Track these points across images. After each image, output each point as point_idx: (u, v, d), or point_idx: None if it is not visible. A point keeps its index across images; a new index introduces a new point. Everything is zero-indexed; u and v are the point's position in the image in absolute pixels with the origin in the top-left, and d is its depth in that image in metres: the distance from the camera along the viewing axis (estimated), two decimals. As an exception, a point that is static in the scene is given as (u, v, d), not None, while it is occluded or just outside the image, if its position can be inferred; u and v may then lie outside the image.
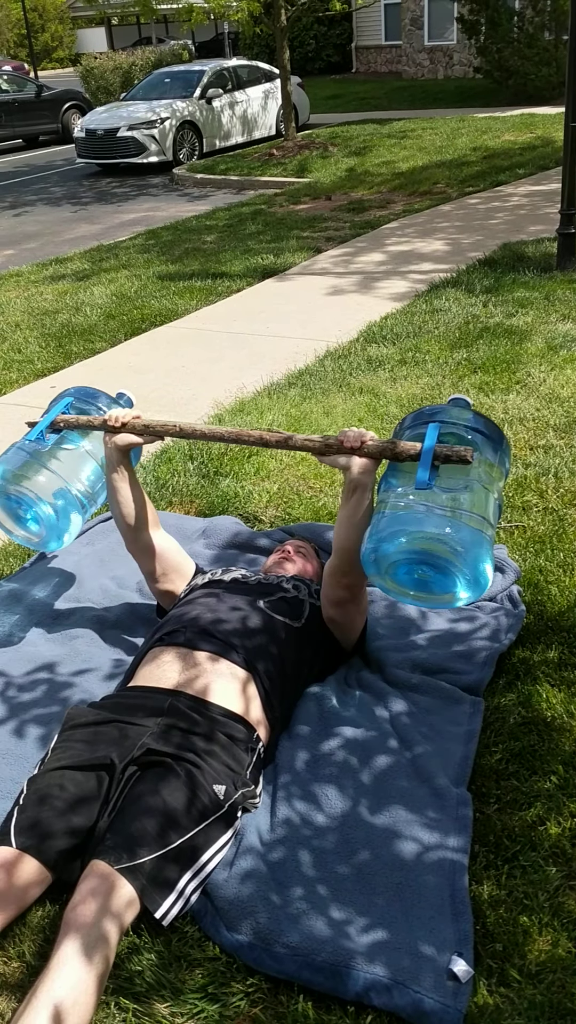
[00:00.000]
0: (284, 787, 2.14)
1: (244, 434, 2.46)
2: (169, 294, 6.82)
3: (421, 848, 1.96)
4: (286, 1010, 1.72)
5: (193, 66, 15.75)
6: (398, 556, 2.08)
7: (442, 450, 2.14)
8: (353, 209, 9.47)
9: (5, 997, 1.80)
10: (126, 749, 2.03)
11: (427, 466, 2.12)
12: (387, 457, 2.25)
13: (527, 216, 8.34)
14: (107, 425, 2.56)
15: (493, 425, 2.32)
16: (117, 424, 2.54)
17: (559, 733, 2.30)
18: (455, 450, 2.13)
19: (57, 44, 50.07)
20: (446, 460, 2.13)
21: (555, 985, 1.72)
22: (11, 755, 2.30)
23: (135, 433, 2.56)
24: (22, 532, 2.73)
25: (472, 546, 2.02)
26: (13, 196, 12.83)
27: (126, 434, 2.55)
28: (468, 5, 16.88)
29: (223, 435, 2.50)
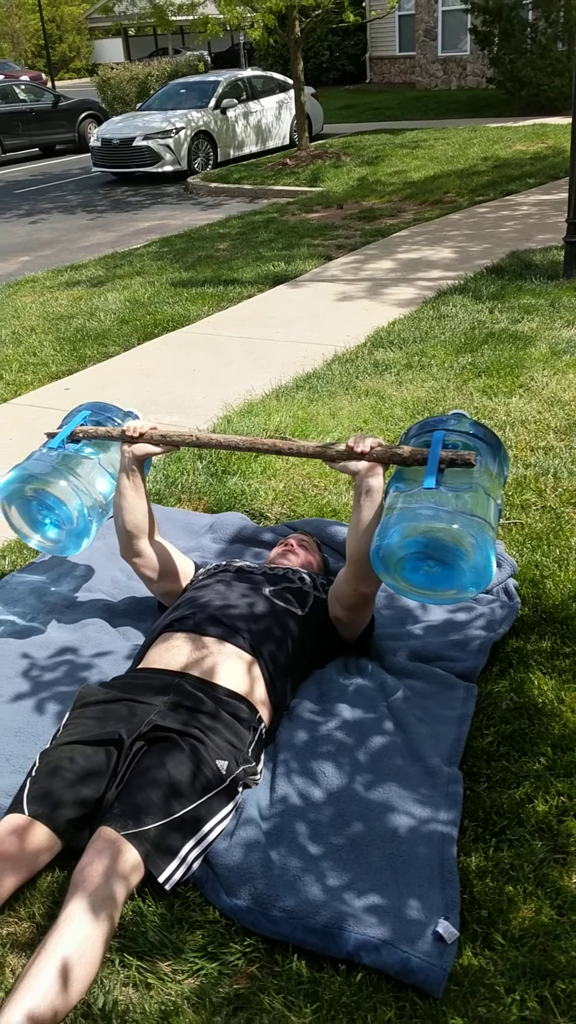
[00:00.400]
0: (284, 764, 2.24)
1: (258, 442, 2.58)
2: (181, 300, 6.95)
3: (413, 821, 2.06)
4: (281, 968, 1.82)
5: (208, 77, 15.94)
6: (406, 551, 2.19)
7: (447, 454, 2.27)
8: (364, 218, 9.59)
9: (16, 954, 1.91)
10: (134, 725, 2.13)
11: (434, 469, 2.25)
12: (395, 462, 2.38)
13: (536, 225, 8.45)
14: (125, 435, 2.68)
15: (492, 434, 2.46)
16: (135, 434, 2.66)
17: (549, 717, 2.39)
18: (460, 454, 2.27)
19: (74, 55, 50.54)
20: (451, 464, 2.27)
21: (537, 949, 1.81)
22: (24, 733, 2.41)
23: (152, 443, 2.68)
24: (38, 537, 2.82)
25: (477, 538, 2.12)
26: (29, 204, 13.02)
27: (143, 444, 2.67)
28: (481, 17, 17.01)
29: (237, 444, 2.62)
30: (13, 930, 1.96)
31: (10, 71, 34.80)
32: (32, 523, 2.79)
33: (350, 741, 2.29)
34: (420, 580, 2.24)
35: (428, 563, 2.21)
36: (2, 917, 1.98)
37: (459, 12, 19.73)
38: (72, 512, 2.68)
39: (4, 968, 1.88)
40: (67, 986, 1.70)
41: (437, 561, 2.20)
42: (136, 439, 2.67)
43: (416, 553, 2.19)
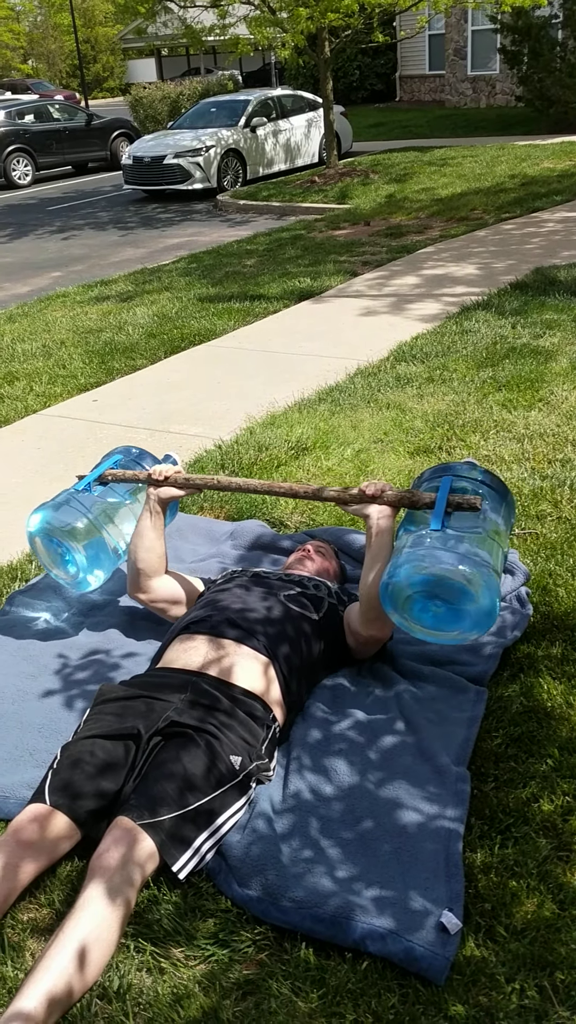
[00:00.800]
0: (296, 760, 2.31)
1: (275, 486, 2.72)
2: (208, 315, 7.07)
3: (421, 817, 2.12)
4: (289, 956, 1.89)
5: (239, 96, 16.16)
6: (412, 590, 2.29)
7: (454, 498, 2.39)
8: (391, 234, 9.69)
9: (36, 939, 1.99)
10: (152, 721, 2.22)
11: (441, 512, 2.36)
12: (405, 505, 2.51)
13: (561, 241, 8.50)
14: (151, 478, 2.82)
15: (500, 481, 2.57)
16: (160, 477, 2.81)
17: (557, 721, 2.44)
18: (466, 498, 2.38)
19: (108, 74, 51.36)
20: (458, 508, 2.38)
21: (538, 941, 1.86)
22: (47, 729, 2.50)
23: (176, 486, 2.81)
24: (60, 572, 2.96)
25: (482, 580, 2.22)
26: (62, 220, 13.26)
27: (168, 487, 2.81)
28: (511, 36, 17.13)
29: (256, 487, 2.76)
30: (33, 916, 2.04)
31: (45, 91, 35.47)
32: (55, 557, 2.93)
33: (362, 740, 2.36)
34: (428, 620, 2.35)
35: (435, 602, 2.31)
36: (23, 904, 2.06)
37: (488, 31, 19.86)
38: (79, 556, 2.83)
39: (24, 951, 1.95)
40: (84, 967, 1.77)
41: (443, 601, 2.30)
42: (162, 483, 2.81)
43: (422, 592, 2.29)
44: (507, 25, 16.94)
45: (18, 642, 2.93)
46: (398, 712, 2.47)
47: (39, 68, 52.24)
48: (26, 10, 51.34)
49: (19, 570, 3.46)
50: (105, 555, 2.91)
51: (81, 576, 2.90)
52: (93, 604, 3.14)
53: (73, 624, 3.03)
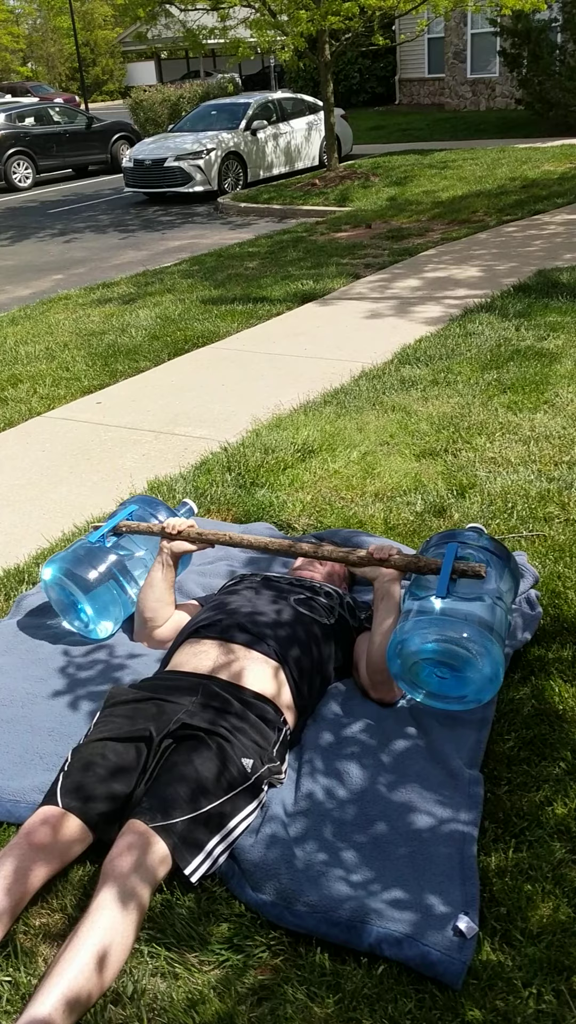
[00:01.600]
0: (308, 763, 2.30)
1: (285, 544, 2.74)
2: (211, 317, 7.07)
3: (434, 821, 2.11)
4: (304, 961, 1.88)
5: (239, 99, 16.18)
6: (419, 656, 2.34)
7: (459, 565, 2.43)
8: (392, 237, 9.69)
9: (48, 944, 1.98)
10: (163, 724, 2.21)
11: (446, 579, 2.40)
12: (411, 570, 2.55)
13: (563, 244, 8.50)
14: (164, 532, 2.84)
15: (502, 547, 2.63)
16: (174, 531, 2.83)
17: (569, 724, 2.43)
18: (471, 566, 2.43)
19: (108, 77, 51.42)
20: (462, 574, 2.42)
21: (554, 945, 1.85)
22: (57, 732, 2.49)
23: (189, 541, 2.83)
24: (74, 619, 2.96)
25: (485, 648, 2.26)
26: (63, 223, 13.26)
27: (181, 541, 2.83)
28: (510, 39, 17.15)
29: (266, 545, 2.77)
30: (45, 921, 2.03)
31: (45, 94, 35.50)
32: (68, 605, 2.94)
33: (373, 743, 2.35)
34: (433, 685, 2.39)
35: (440, 669, 2.35)
36: (35, 909, 2.05)
37: (488, 35, 19.91)
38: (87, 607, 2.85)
39: (37, 957, 1.94)
40: (99, 971, 1.76)
41: (448, 667, 2.34)
42: (175, 536, 2.82)
43: (428, 659, 2.34)
44: (507, 28, 16.96)
45: (26, 645, 2.92)
46: (408, 715, 2.47)
47: (39, 71, 52.29)
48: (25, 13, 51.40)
49: (26, 573, 3.45)
50: (115, 605, 2.92)
51: (91, 626, 2.91)
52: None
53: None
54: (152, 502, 3.13)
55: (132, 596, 2.96)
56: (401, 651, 2.34)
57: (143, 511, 3.08)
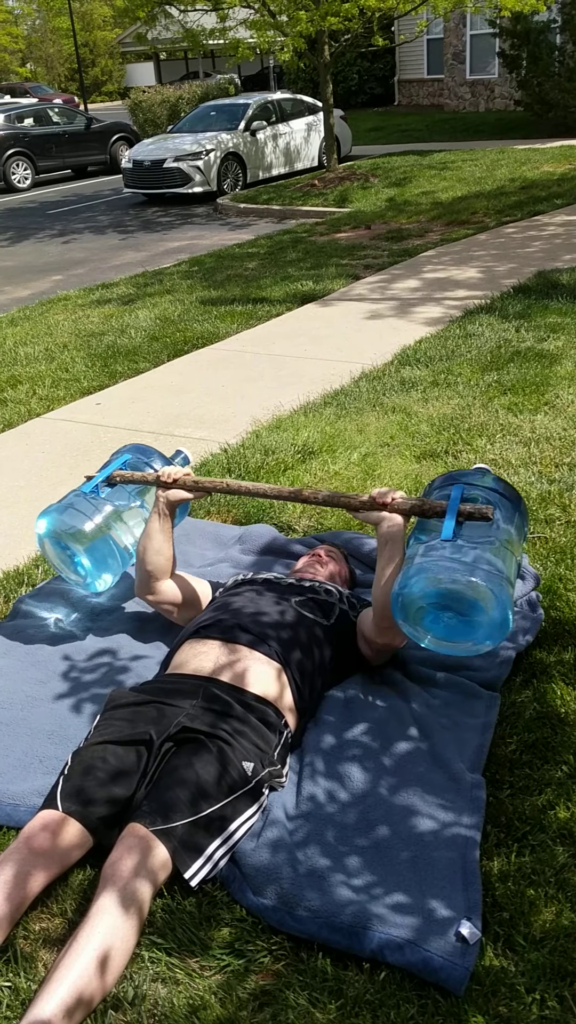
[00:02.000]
0: (310, 767, 2.29)
1: (284, 491, 2.69)
2: (211, 318, 7.06)
3: (436, 825, 2.10)
4: (306, 966, 1.86)
5: (238, 99, 16.18)
6: (424, 602, 2.27)
7: (465, 508, 2.35)
8: (392, 238, 9.68)
9: (48, 950, 1.96)
10: (163, 727, 2.19)
11: (452, 522, 2.33)
12: (416, 514, 2.47)
13: (562, 245, 8.49)
14: (160, 481, 2.79)
15: (512, 488, 2.54)
16: (169, 480, 2.77)
17: (571, 727, 2.42)
18: (477, 508, 2.35)
19: (107, 78, 51.41)
20: (469, 517, 2.35)
21: (557, 951, 1.84)
22: (57, 735, 2.48)
23: (185, 489, 2.78)
24: (70, 574, 2.94)
25: (494, 592, 2.19)
26: (62, 224, 13.25)
27: (177, 490, 2.77)
28: (509, 40, 17.16)
29: (265, 492, 2.73)
30: (45, 926, 2.02)
31: (44, 94, 35.50)
32: (64, 559, 2.92)
33: (375, 746, 2.34)
34: (439, 631, 2.32)
35: (446, 614, 2.28)
36: (35, 913, 2.03)
37: (487, 36, 19.91)
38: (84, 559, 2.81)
39: (37, 962, 1.93)
40: (100, 975, 1.75)
41: (455, 612, 2.27)
42: (171, 484, 2.77)
43: (434, 604, 2.27)
44: (505, 29, 16.96)
45: (26, 647, 2.90)
46: (411, 718, 2.45)
47: (38, 72, 52.28)
48: (25, 13, 51.39)
49: (26, 575, 3.44)
50: (113, 558, 2.88)
51: (89, 579, 2.88)
52: (101, 609, 3.12)
53: (81, 629, 3.01)
54: (146, 450, 3.06)
55: (129, 547, 2.91)
56: (404, 596, 2.26)
57: (137, 460, 3.01)
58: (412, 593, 2.25)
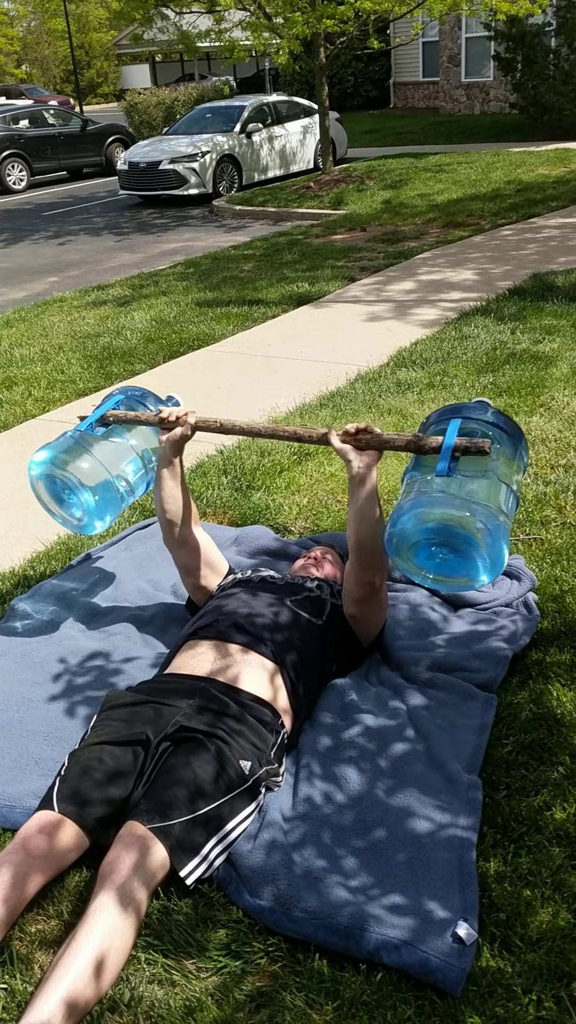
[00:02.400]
0: (306, 768, 2.29)
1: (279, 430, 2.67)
2: (207, 319, 7.06)
3: (433, 826, 2.10)
4: (303, 967, 1.86)
5: (234, 101, 16.18)
6: (418, 536, 2.23)
7: (462, 442, 2.29)
8: (387, 240, 9.69)
9: (44, 951, 1.96)
10: (160, 727, 2.19)
11: (447, 456, 2.27)
12: (410, 450, 2.41)
13: (558, 247, 8.51)
14: (162, 420, 2.73)
15: (512, 422, 2.47)
16: (172, 419, 2.72)
17: (568, 728, 2.42)
18: (474, 442, 2.28)
19: (102, 80, 51.40)
20: (465, 452, 2.28)
21: (554, 951, 1.84)
22: (53, 737, 2.47)
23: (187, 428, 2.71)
24: (63, 513, 2.88)
25: (489, 526, 2.15)
26: (57, 226, 13.24)
27: (180, 429, 2.72)
28: (505, 43, 17.19)
29: (259, 431, 2.70)
30: (42, 928, 2.01)
31: (39, 96, 35.48)
32: (57, 500, 2.86)
33: (372, 747, 2.34)
34: (433, 566, 2.28)
35: (440, 549, 2.24)
36: (31, 915, 2.03)
37: (482, 39, 19.92)
38: (87, 495, 2.74)
39: (33, 964, 1.93)
40: (98, 976, 1.75)
41: (449, 548, 2.23)
42: (173, 424, 2.72)
43: (428, 540, 2.23)
44: (501, 32, 16.99)
45: (21, 648, 2.90)
46: (407, 719, 2.45)
47: (33, 73, 52.26)
48: (20, 15, 51.37)
49: (21, 576, 3.43)
50: (112, 497, 2.82)
51: (87, 519, 2.82)
52: (97, 610, 3.12)
53: (77, 630, 3.00)
54: (139, 391, 3.01)
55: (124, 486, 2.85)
56: (397, 532, 2.22)
57: (131, 401, 2.96)
58: (405, 529, 2.21)
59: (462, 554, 2.23)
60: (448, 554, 2.25)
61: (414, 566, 2.30)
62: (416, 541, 2.24)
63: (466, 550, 2.21)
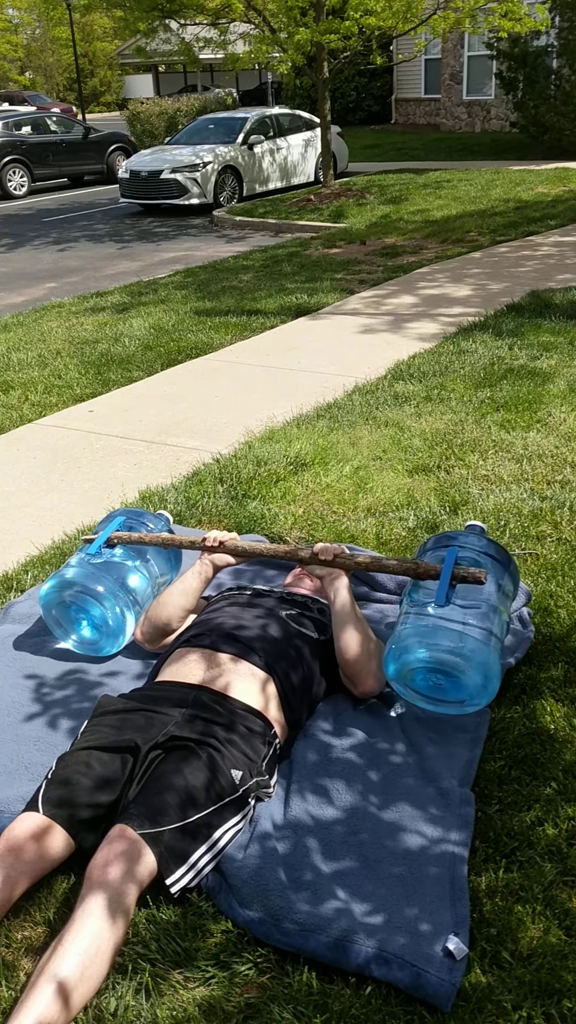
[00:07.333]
0: (298, 781, 2.28)
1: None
2: (205, 328, 7.06)
3: (424, 840, 2.09)
4: (292, 980, 1.85)
5: (237, 113, 16.25)
6: (416, 664, 2.36)
7: (459, 571, 2.42)
8: (386, 254, 9.72)
9: (31, 958, 1.94)
10: (151, 735, 2.18)
11: (445, 585, 2.40)
12: (410, 575, 2.53)
13: (556, 265, 8.55)
14: (205, 544, 2.75)
15: (503, 551, 2.63)
16: (215, 543, 2.74)
17: (560, 744, 2.42)
18: (471, 572, 2.41)
19: (105, 89, 51.56)
20: (462, 580, 2.41)
21: (544, 968, 1.83)
22: (43, 742, 2.46)
23: (232, 554, 2.75)
24: (75, 637, 2.87)
25: (483, 659, 2.29)
26: (58, 232, 13.25)
27: (223, 555, 2.75)
28: (506, 63, 17.32)
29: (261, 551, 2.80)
30: (28, 934, 1.99)
31: (42, 103, 35.59)
32: (70, 624, 2.85)
33: (363, 761, 2.33)
34: (428, 687, 2.41)
35: (436, 675, 2.37)
36: (17, 921, 2.01)
37: (484, 57, 20.06)
38: (109, 617, 2.74)
39: (19, 971, 1.91)
40: (84, 981, 1.75)
41: (444, 675, 2.36)
42: (217, 548, 2.74)
43: (425, 667, 2.36)
44: (503, 52, 17.13)
45: (13, 653, 2.88)
46: (400, 732, 2.45)
47: (36, 80, 52.42)
48: (24, 23, 51.53)
49: (15, 580, 3.42)
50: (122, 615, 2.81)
51: (103, 642, 2.81)
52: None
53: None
54: (137, 513, 3.06)
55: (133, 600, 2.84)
56: (398, 658, 2.34)
57: (132, 521, 3.01)
58: (406, 655, 2.34)
59: (456, 680, 2.35)
60: (443, 679, 2.37)
61: (411, 690, 2.44)
62: (414, 668, 2.37)
63: (460, 675, 2.33)
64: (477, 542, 2.60)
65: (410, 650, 2.32)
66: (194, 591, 2.72)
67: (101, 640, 2.82)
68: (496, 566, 2.55)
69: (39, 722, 2.54)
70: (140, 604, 2.86)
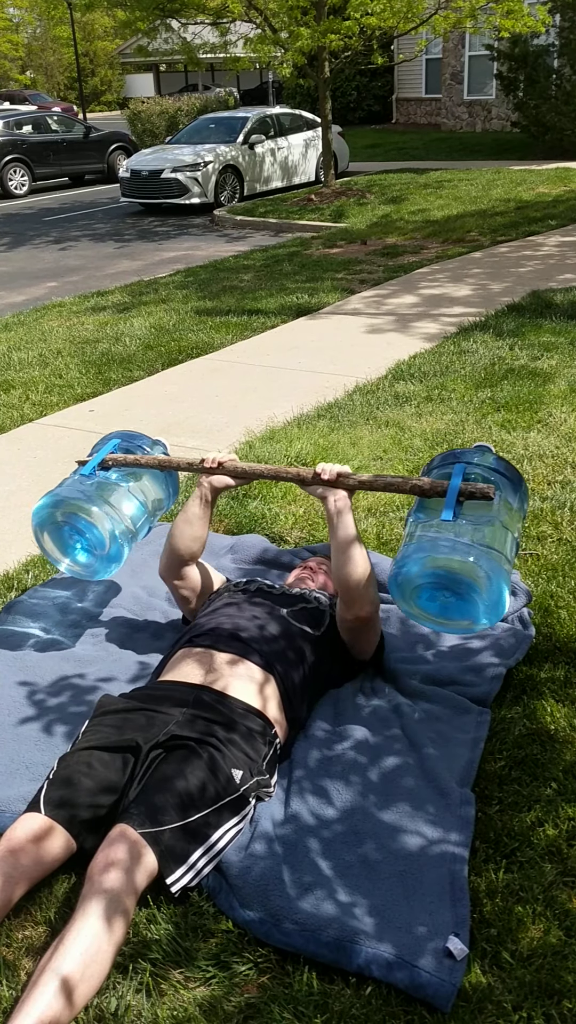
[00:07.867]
0: (298, 781, 2.28)
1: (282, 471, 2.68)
2: (205, 328, 7.06)
3: (424, 841, 2.09)
4: (292, 980, 1.85)
5: (237, 113, 16.25)
6: (422, 580, 2.25)
7: (467, 487, 2.32)
8: (387, 254, 9.72)
9: (31, 958, 1.94)
10: (152, 735, 2.18)
11: (452, 501, 2.30)
12: (415, 494, 2.44)
13: (556, 265, 8.55)
14: (204, 466, 2.71)
15: (514, 469, 2.52)
16: (214, 464, 2.70)
17: (561, 744, 2.42)
18: (479, 487, 2.32)
19: (106, 88, 51.54)
20: (470, 496, 2.32)
21: (544, 969, 1.83)
22: (43, 742, 2.46)
23: (231, 475, 2.71)
24: (67, 561, 2.82)
25: (492, 573, 2.18)
26: (58, 231, 13.25)
27: (223, 476, 2.71)
28: (507, 63, 17.31)
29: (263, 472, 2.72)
30: (29, 934, 2.00)
31: (43, 102, 35.59)
32: (63, 548, 2.80)
33: (364, 761, 2.33)
34: (435, 609, 2.30)
35: (444, 593, 2.26)
36: (18, 921, 2.01)
37: (485, 57, 20.04)
38: (104, 536, 2.68)
39: (20, 970, 1.91)
40: (84, 980, 1.75)
41: (452, 592, 2.25)
42: (216, 470, 2.71)
43: (432, 583, 2.25)
44: (503, 52, 17.12)
45: (14, 653, 2.88)
46: (400, 733, 2.44)
47: (37, 80, 52.41)
48: (25, 21, 51.52)
49: (15, 580, 3.42)
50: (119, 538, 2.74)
51: (98, 564, 2.75)
52: (90, 615, 3.11)
53: (70, 635, 2.99)
54: (133, 435, 2.98)
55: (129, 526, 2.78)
56: (402, 575, 2.24)
57: (127, 444, 2.93)
58: (410, 573, 2.23)
59: (464, 598, 2.25)
60: (450, 597, 2.27)
61: (417, 608, 2.32)
62: (420, 584, 2.26)
63: (468, 595, 2.24)
64: (486, 459, 2.49)
65: (415, 565, 2.21)
66: (197, 516, 2.71)
67: (95, 563, 2.76)
68: (506, 484, 2.44)
69: (40, 722, 2.55)
70: (135, 526, 2.79)
